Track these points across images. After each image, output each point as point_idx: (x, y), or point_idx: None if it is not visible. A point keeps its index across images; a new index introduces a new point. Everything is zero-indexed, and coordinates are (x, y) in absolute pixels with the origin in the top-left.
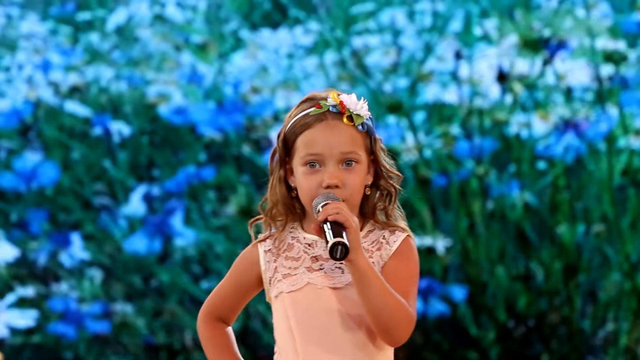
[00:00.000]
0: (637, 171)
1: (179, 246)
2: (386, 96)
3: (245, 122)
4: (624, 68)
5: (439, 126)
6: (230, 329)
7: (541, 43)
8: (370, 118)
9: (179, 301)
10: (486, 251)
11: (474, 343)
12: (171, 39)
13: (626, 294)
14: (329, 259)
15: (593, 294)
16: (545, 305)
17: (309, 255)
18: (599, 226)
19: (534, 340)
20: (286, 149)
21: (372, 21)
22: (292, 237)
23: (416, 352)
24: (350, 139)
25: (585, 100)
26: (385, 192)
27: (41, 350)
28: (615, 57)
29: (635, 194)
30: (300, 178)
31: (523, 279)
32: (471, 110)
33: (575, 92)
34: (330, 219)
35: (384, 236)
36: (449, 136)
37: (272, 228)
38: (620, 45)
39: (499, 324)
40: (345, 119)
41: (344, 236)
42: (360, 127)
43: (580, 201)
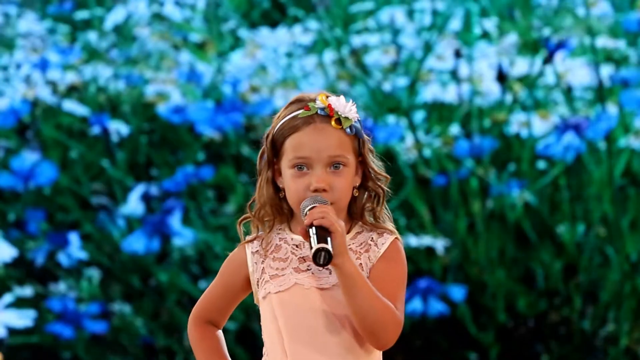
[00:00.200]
0: (637, 171)
1: (177, 246)
2: (385, 95)
3: (244, 121)
4: (624, 67)
5: (439, 125)
6: (220, 332)
7: (541, 42)
8: (358, 120)
9: (177, 301)
10: (486, 251)
11: (473, 343)
12: (170, 38)
13: (626, 294)
14: None
15: (593, 294)
16: (545, 305)
17: (297, 256)
18: (599, 226)
19: (534, 340)
20: (274, 150)
21: (372, 20)
22: (279, 238)
23: (416, 352)
24: (338, 142)
25: (585, 100)
26: (374, 194)
27: (39, 351)
28: (615, 56)
29: (635, 194)
30: (288, 181)
31: (523, 279)
32: (471, 110)
33: (575, 92)
34: (315, 223)
35: (372, 238)
36: (448, 135)
37: (260, 229)
38: (621, 44)
39: (498, 324)
40: (333, 122)
41: (329, 241)
42: (348, 130)
43: (580, 201)
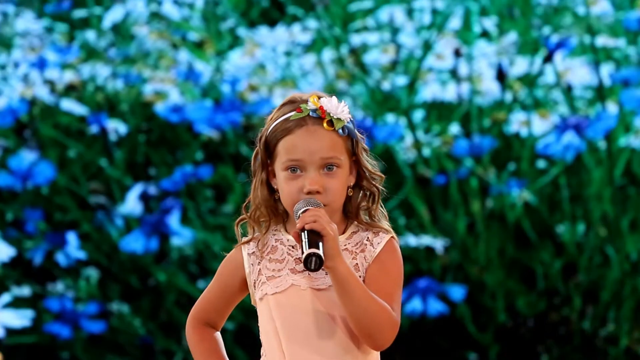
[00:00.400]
0: (637, 170)
1: (175, 245)
2: (385, 94)
3: (243, 120)
4: (624, 66)
5: (438, 125)
6: (218, 334)
7: (541, 41)
8: (351, 120)
9: (176, 301)
10: (485, 251)
11: (473, 343)
12: (168, 37)
13: (626, 294)
14: None
15: (593, 294)
16: (545, 305)
17: (293, 257)
18: (599, 226)
19: (534, 340)
20: (267, 152)
21: (371, 19)
22: (275, 239)
23: (415, 353)
24: (330, 144)
25: (585, 99)
26: (368, 193)
27: (37, 351)
28: (615, 55)
29: (635, 193)
30: (282, 183)
31: (523, 278)
32: (470, 109)
33: (575, 91)
34: (307, 227)
35: (367, 237)
36: (448, 135)
37: (256, 230)
38: (621, 43)
39: (498, 324)
40: (325, 124)
41: (320, 246)
42: (340, 132)
43: (580, 200)
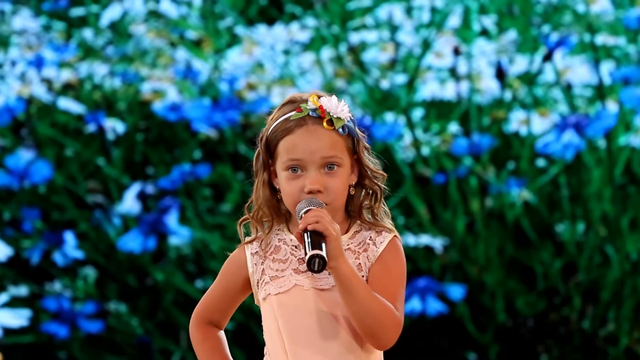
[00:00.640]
0: (637, 169)
1: (173, 245)
2: (384, 93)
3: (241, 119)
4: (624, 64)
5: (437, 123)
6: (222, 333)
7: (541, 39)
8: (351, 119)
9: (174, 300)
10: (485, 250)
11: (472, 343)
12: (166, 35)
13: (626, 294)
14: None
15: (593, 293)
16: (545, 305)
17: (296, 257)
18: (599, 225)
19: (534, 340)
20: (269, 152)
21: (370, 17)
22: (278, 239)
23: (414, 352)
24: (330, 143)
25: (585, 97)
26: (371, 192)
27: (34, 350)
28: (615, 54)
29: (635, 193)
30: (283, 183)
31: (522, 278)
32: (470, 108)
33: (575, 89)
34: (309, 228)
35: (370, 237)
36: (447, 133)
37: (259, 230)
38: (621, 41)
39: (497, 323)
40: (325, 124)
41: (323, 247)
42: (341, 131)
43: (580, 200)
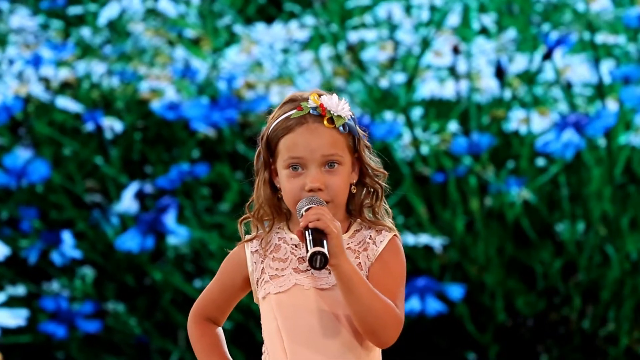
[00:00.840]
0: (637, 168)
1: (172, 244)
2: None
3: (240, 118)
4: (624, 63)
5: (437, 122)
6: (220, 330)
7: (540, 38)
8: (352, 118)
9: (172, 300)
10: (484, 249)
11: (472, 343)
12: (164, 34)
13: (626, 294)
14: None
15: (593, 293)
16: (545, 304)
17: (296, 256)
18: (599, 224)
19: (533, 340)
20: (269, 151)
21: (369, 15)
22: (278, 237)
23: (414, 352)
24: (331, 141)
25: (585, 96)
26: (372, 190)
27: (32, 350)
28: (615, 52)
29: (635, 192)
30: (284, 181)
31: (522, 278)
32: (469, 106)
33: (575, 88)
34: (310, 226)
35: (370, 236)
36: (446, 132)
37: (259, 229)
38: (621, 40)
39: (497, 323)
40: (325, 122)
41: (324, 244)
42: (341, 129)
43: (579, 199)
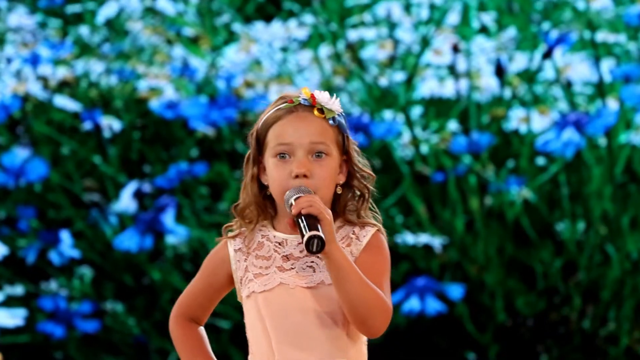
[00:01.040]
0: (638, 167)
1: (170, 244)
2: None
3: (239, 117)
4: (625, 62)
5: (436, 121)
6: (202, 329)
7: (540, 36)
8: (343, 116)
9: (170, 300)
10: (484, 249)
11: (472, 343)
12: (163, 32)
13: (627, 293)
14: (300, 257)
15: (593, 293)
16: (545, 304)
17: (280, 254)
18: (599, 224)
19: (533, 340)
20: (258, 145)
21: (368, 14)
22: (261, 235)
23: (413, 352)
24: (320, 129)
25: (585, 95)
26: (358, 193)
27: (30, 350)
28: (616, 51)
29: (636, 191)
30: (272, 170)
31: (522, 277)
32: (469, 105)
33: (575, 87)
34: (303, 212)
35: (353, 231)
36: (446, 131)
37: (242, 226)
38: (621, 38)
39: (497, 323)
40: (315, 111)
41: (319, 229)
42: (331, 121)
43: (580, 198)
